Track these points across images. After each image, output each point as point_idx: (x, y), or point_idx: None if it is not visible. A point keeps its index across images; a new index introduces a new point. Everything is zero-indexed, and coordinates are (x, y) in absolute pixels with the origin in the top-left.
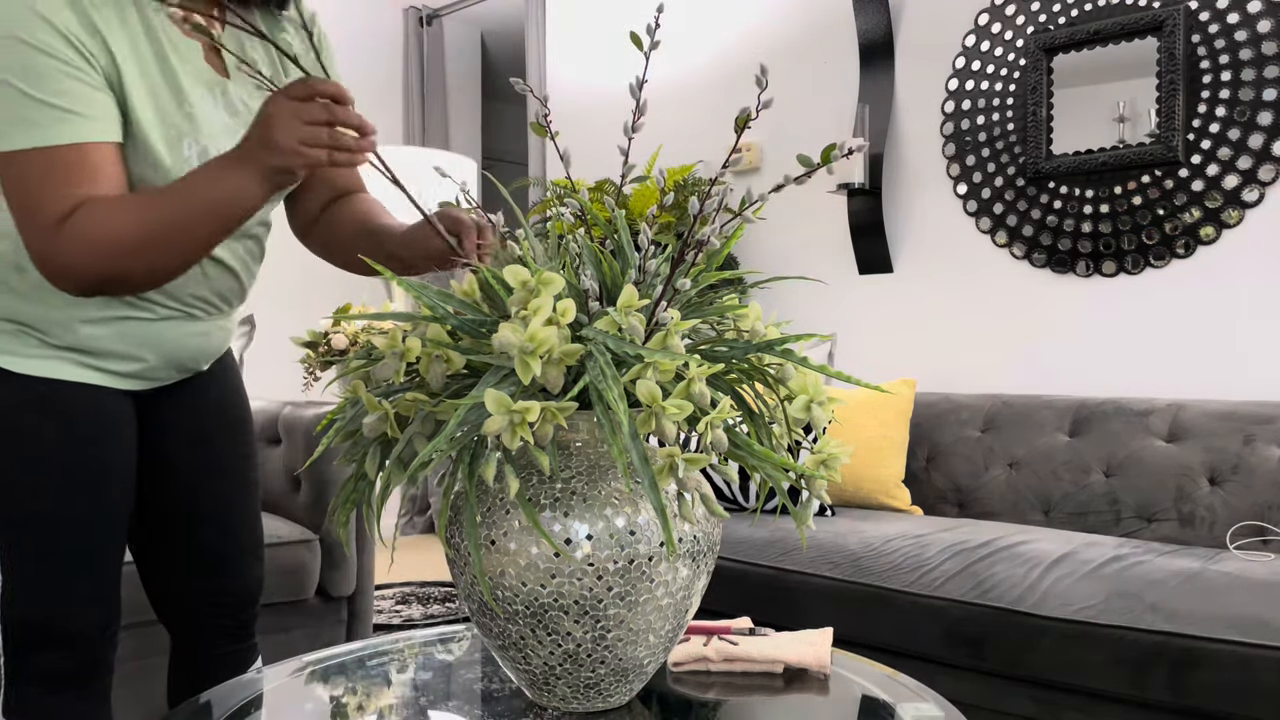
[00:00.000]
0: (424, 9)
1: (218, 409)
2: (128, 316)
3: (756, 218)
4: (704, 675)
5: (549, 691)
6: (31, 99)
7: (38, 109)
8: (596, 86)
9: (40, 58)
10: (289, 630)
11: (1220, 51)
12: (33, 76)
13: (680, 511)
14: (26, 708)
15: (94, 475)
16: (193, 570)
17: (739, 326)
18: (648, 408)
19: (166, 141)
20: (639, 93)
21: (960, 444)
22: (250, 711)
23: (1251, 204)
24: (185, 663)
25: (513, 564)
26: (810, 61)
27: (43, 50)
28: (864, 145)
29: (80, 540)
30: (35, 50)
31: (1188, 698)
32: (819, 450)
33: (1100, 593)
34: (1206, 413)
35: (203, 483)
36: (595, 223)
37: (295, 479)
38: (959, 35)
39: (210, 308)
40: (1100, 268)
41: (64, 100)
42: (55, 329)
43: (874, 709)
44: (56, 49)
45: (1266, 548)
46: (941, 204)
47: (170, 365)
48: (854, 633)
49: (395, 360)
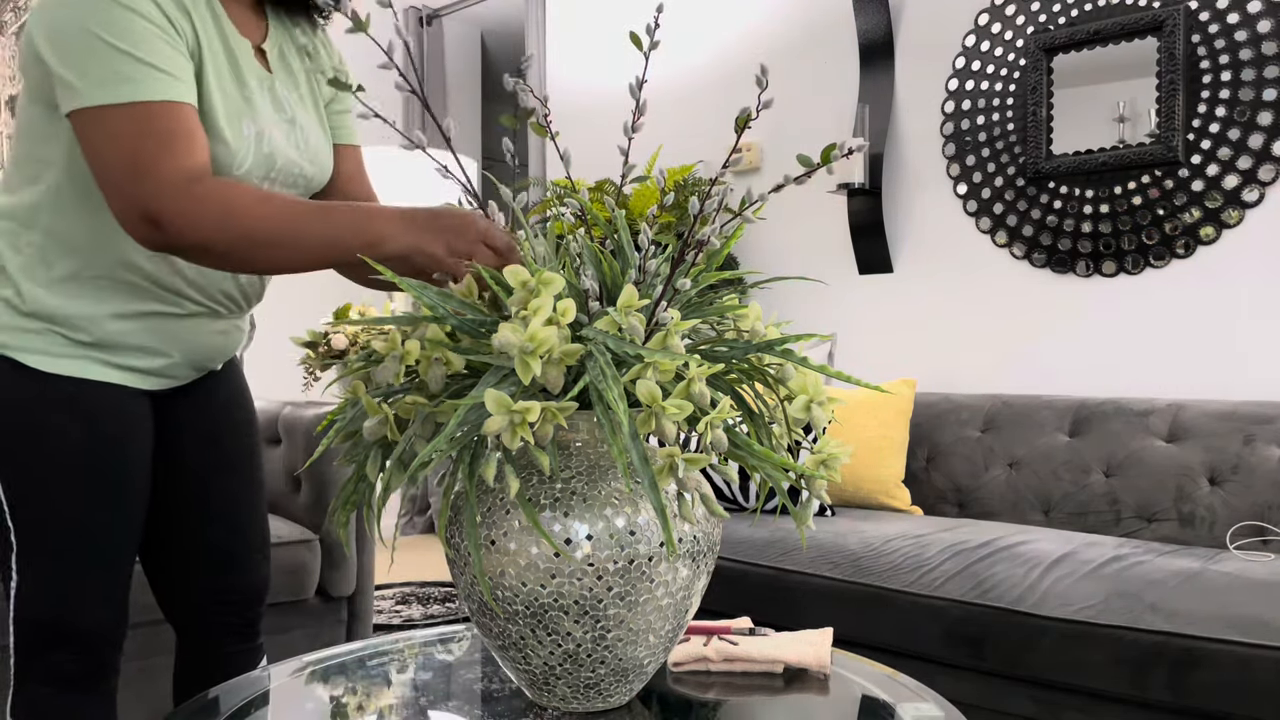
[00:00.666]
0: (424, 9)
1: (227, 408)
2: (157, 312)
3: (756, 218)
4: (704, 675)
5: (549, 691)
6: (127, 55)
7: (133, 66)
8: (596, 86)
9: (134, 19)
10: (289, 630)
11: (1220, 51)
12: (127, 35)
13: (680, 511)
14: (36, 708)
15: (116, 476)
16: (201, 568)
17: (739, 326)
18: (648, 408)
19: (229, 119)
20: (639, 93)
21: (960, 444)
22: (256, 709)
23: (1251, 204)
24: (192, 662)
25: (513, 564)
26: (810, 61)
27: (138, 13)
28: (864, 145)
29: (98, 541)
30: (130, 11)
31: (1187, 698)
32: (819, 450)
33: (1100, 593)
34: (1206, 413)
35: (212, 481)
36: (595, 223)
37: (295, 479)
38: (959, 35)
39: (234, 305)
40: (1100, 268)
41: (158, 60)
42: (84, 323)
43: (874, 709)
44: (149, 12)
45: (1266, 548)
46: (941, 204)
47: (190, 363)
48: (854, 633)
49: (394, 363)
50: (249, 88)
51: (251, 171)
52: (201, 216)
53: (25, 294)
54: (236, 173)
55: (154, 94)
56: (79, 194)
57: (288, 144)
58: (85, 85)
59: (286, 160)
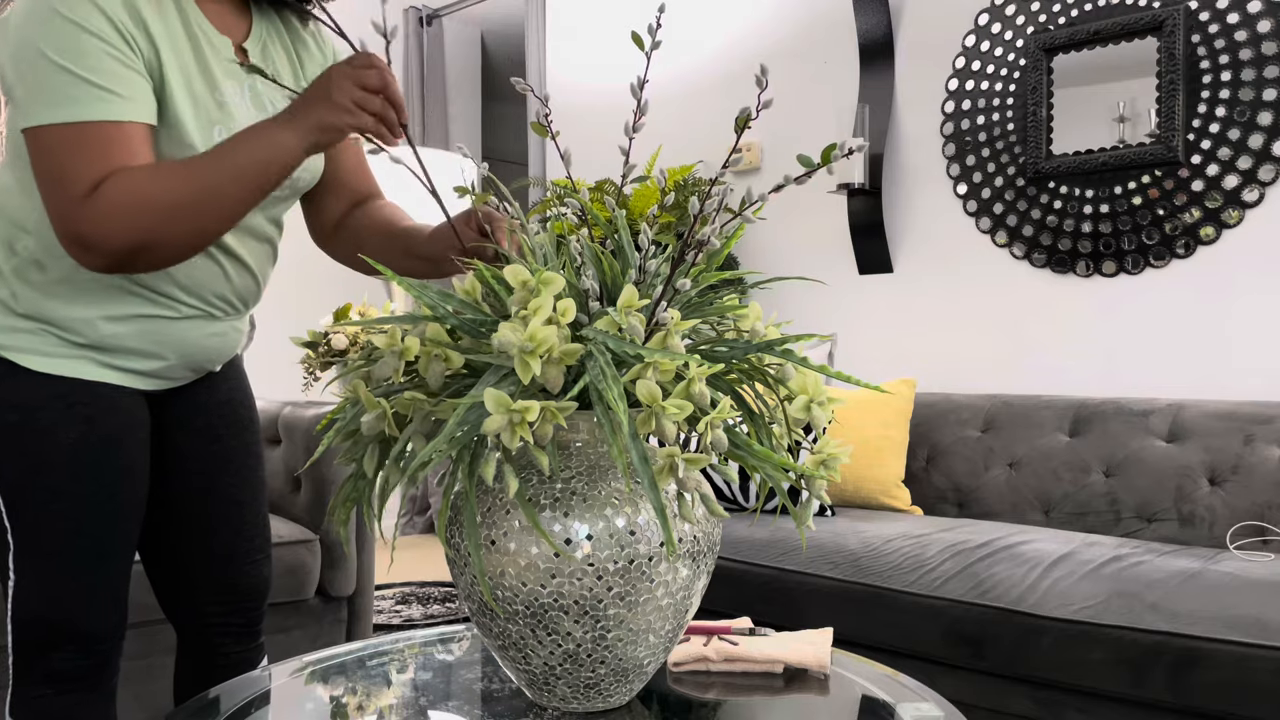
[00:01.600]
0: (424, 9)
1: (227, 407)
2: (150, 315)
3: (756, 218)
4: (704, 675)
5: (549, 691)
6: (71, 74)
7: (76, 85)
8: (596, 86)
9: (83, 36)
10: (289, 630)
11: (1220, 51)
12: (74, 53)
13: (680, 511)
14: (35, 708)
15: (113, 475)
16: (203, 567)
17: (739, 326)
18: (648, 408)
19: (199, 127)
20: (640, 92)
21: (960, 444)
22: (257, 709)
23: (1251, 204)
24: (193, 662)
25: (513, 564)
26: (810, 61)
27: (86, 29)
28: (864, 145)
29: (96, 540)
30: (78, 28)
31: (1187, 697)
32: (819, 450)
33: (1100, 593)
34: (1206, 413)
35: (213, 480)
36: (595, 223)
37: (295, 479)
38: (959, 35)
39: (230, 308)
40: (1100, 268)
41: (103, 79)
42: (77, 326)
43: (874, 709)
44: (100, 28)
45: (1266, 548)
46: (941, 204)
47: (187, 366)
48: (854, 633)
49: (394, 359)
50: (221, 91)
51: None
52: (112, 219)
53: (20, 296)
54: None
55: (93, 114)
56: None
57: None
58: (29, 103)
59: None
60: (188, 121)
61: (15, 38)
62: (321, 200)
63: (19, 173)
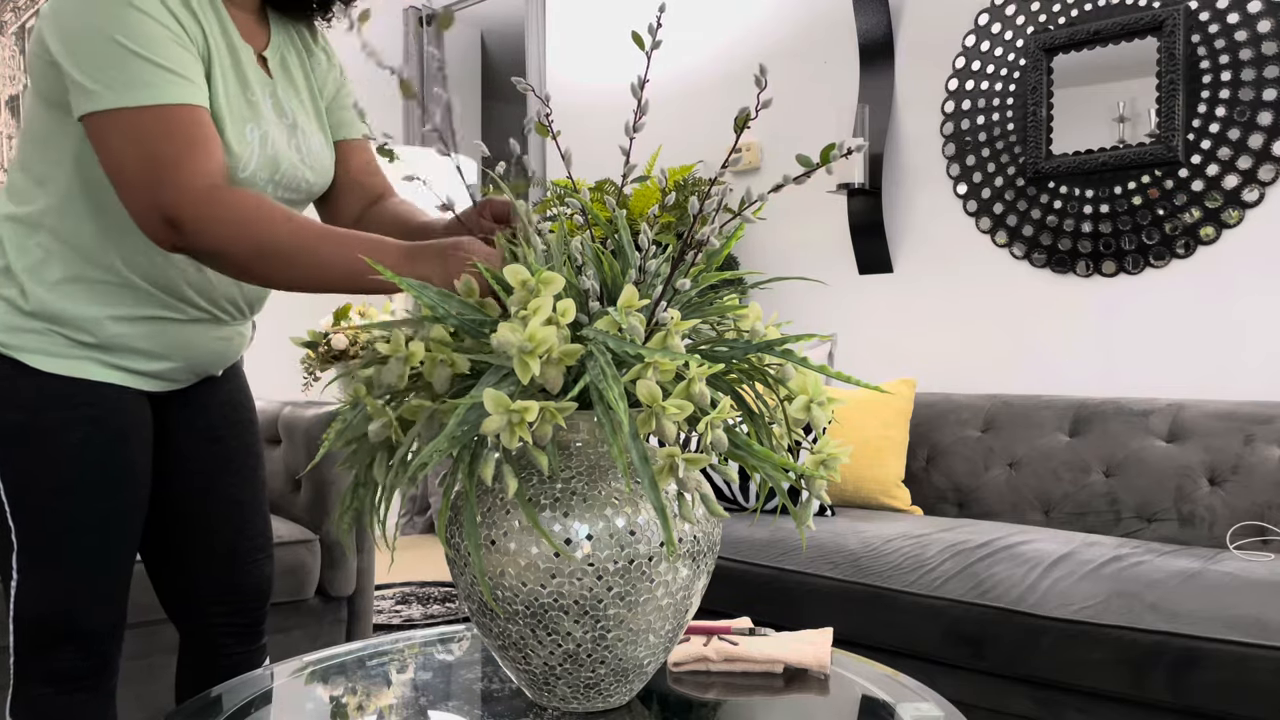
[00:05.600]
0: (424, 9)
1: (228, 408)
2: (159, 317)
3: (756, 218)
4: (704, 675)
5: (549, 691)
6: (144, 60)
7: (151, 70)
8: (596, 86)
9: (150, 23)
10: (289, 630)
11: (1220, 51)
12: (142, 38)
13: (680, 511)
14: (36, 707)
15: (116, 475)
16: (204, 567)
17: (739, 326)
18: (648, 408)
19: (233, 122)
20: (640, 92)
21: (960, 444)
22: (257, 709)
23: (1251, 204)
24: (196, 663)
25: (513, 564)
26: (810, 61)
27: (152, 17)
28: (864, 145)
29: (99, 540)
30: (145, 16)
31: (1187, 697)
32: (819, 450)
33: (1100, 593)
34: (1206, 413)
35: (214, 480)
36: (596, 223)
37: (295, 479)
38: (959, 35)
39: (238, 312)
40: (1100, 268)
41: (173, 63)
42: (85, 325)
43: (874, 709)
44: (161, 16)
45: (1266, 548)
46: (941, 204)
47: (192, 368)
48: (854, 633)
49: (399, 365)
50: (253, 92)
51: (256, 174)
52: (221, 223)
53: (29, 294)
54: (241, 175)
55: (171, 97)
56: (87, 197)
57: (289, 149)
58: (101, 89)
59: (290, 164)
60: (225, 117)
61: (77, 25)
62: (336, 202)
63: (37, 170)
